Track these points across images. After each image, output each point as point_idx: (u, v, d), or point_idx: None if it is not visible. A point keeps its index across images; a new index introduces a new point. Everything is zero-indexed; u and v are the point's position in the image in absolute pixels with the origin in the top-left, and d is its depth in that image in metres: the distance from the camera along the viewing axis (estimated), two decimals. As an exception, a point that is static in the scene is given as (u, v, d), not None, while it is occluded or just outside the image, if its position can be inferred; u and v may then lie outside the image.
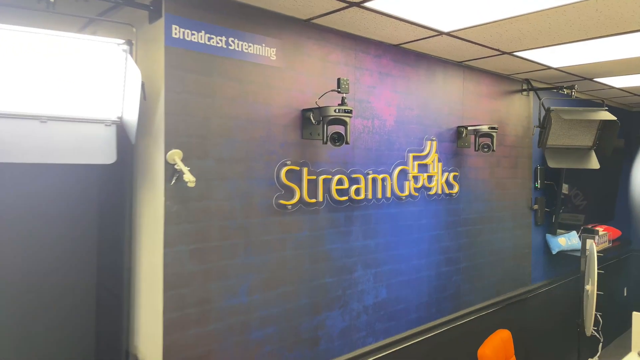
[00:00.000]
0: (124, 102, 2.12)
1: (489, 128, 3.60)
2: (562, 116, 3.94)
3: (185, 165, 2.11)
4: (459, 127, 3.73)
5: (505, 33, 2.93)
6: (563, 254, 4.89)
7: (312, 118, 2.62)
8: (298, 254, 2.64)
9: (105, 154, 2.00)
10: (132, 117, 2.02)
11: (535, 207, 4.67)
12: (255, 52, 2.43)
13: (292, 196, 2.58)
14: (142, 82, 1.99)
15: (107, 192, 2.35)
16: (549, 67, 3.97)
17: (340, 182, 2.82)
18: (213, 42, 2.27)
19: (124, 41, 1.99)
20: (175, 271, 2.14)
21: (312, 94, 2.69)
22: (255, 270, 2.44)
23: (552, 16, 2.59)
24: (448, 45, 3.22)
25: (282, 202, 2.54)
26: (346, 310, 2.90)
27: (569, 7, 2.44)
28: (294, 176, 2.60)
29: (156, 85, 2.15)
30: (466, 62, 3.75)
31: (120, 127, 2.16)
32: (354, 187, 2.88)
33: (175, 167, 2.11)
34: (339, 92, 2.53)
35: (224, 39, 2.31)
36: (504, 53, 3.46)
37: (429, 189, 3.45)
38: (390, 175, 3.15)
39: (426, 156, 3.41)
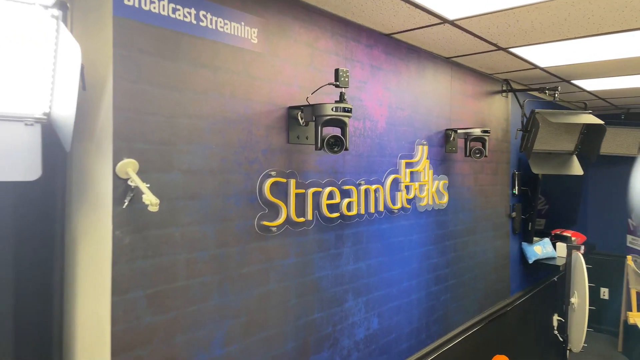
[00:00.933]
0: (54, 92, 1.51)
1: (481, 132, 3.26)
2: (550, 119, 3.69)
3: (144, 180, 1.53)
4: (447, 130, 3.36)
5: (515, 24, 2.57)
6: (537, 262, 4.70)
7: (300, 118, 2.12)
8: (283, 287, 2.12)
9: (25, 166, 1.38)
10: (66, 113, 1.42)
11: (513, 214, 4.43)
12: (232, 32, 1.88)
13: (277, 215, 2.06)
14: (81, 64, 1.39)
15: (29, 220, 1.64)
16: (535, 67, 3.71)
17: (331, 195, 2.33)
18: (179, 15, 1.70)
19: (54, 1, 1.38)
20: (128, 326, 1.56)
21: (299, 88, 2.18)
22: (233, 313, 1.90)
23: (576, 4, 2.25)
24: (444, 37, 2.83)
25: (265, 223, 2.01)
26: (336, 350, 2.41)
27: (603, -5, 2.11)
28: (280, 190, 2.08)
29: (101, 70, 1.55)
30: (454, 58, 3.38)
31: (49, 128, 1.54)
32: (345, 201, 2.40)
33: (129, 183, 1.53)
34: (337, 86, 2.04)
35: (193, 11, 1.74)
36: (499, 49, 3.13)
37: (421, 199, 3.04)
38: (383, 185, 2.71)
39: (418, 162, 3.00)
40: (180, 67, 1.71)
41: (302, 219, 2.17)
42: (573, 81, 4.35)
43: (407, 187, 2.88)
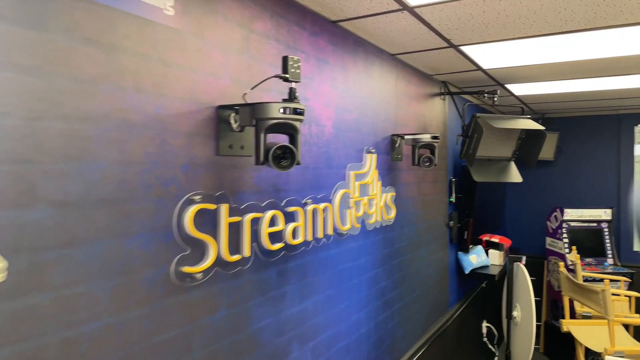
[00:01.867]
0: None
1: (431, 138, 2.92)
2: (492, 124, 3.47)
3: (-22, 227, 0.90)
4: (393, 135, 2.97)
5: (480, 15, 2.23)
6: (472, 271, 4.54)
7: (233, 121, 1.57)
8: (211, 353, 1.56)
9: None
10: None
11: (451, 224, 4.20)
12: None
13: (203, 256, 1.50)
14: None
15: None
16: (478, 69, 3.47)
17: (273, 221, 1.80)
18: (47, -41, 1.08)
19: None
20: None
21: (231, 81, 1.63)
22: (141, 404, 1.31)
23: (558, -4, 1.95)
24: (397, 29, 2.42)
25: (186, 269, 1.44)
26: (280, 417, 1.90)
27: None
28: (207, 221, 1.52)
29: None
30: (400, 56, 3.01)
31: None
32: (290, 227, 1.89)
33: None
34: (286, 79, 1.52)
35: (71, -43, 1.13)
36: (451, 46, 2.80)
37: (370, 216, 2.61)
38: (332, 202, 2.23)
39: (367, 174, 2.57)
40: (52, 41, 1.09)
41: (236, 257, 1.62)
42: (506, 85, 4.22)
43: (356, 203, 2.43)
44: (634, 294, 4.31)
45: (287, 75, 1.50)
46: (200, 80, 1.50)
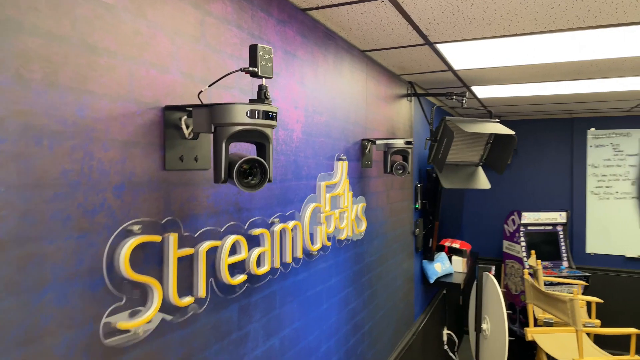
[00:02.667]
0: None
1: (404, 143, 2.67)
2: (464, 129, 3.28)
3: None
4: (363, 140, 2.70)
5: (467, 9, 2.00)
6: (436, 280, 4.37)
7: (185, 126, 1.23)
8: None
9: None
10: None
11: (417, 231, 4.00)
12: (47, -48, 0.92)
13: (144, 303, 1.14)
14: None
15: None
16: (449, 69, 3.28)
17: (235, 249, 1.47)
18: None
19: None
20: None
21: (182, 75, 1.28)
22: None
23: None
24: (373, 21, 2.14)
25: (121, 324, 1.08)
26: None
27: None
28: (150, 257, 1.16)
29: None
30: (370, 52, 2.74)
31: None
32: (255, 254, 1.56)
33: None
34: (254, 74, 1.19)
35: None
36: (427, 43, 2.56)
37: (341, 231, 2.32)
38: (302, 219, 1.92)
39: (338, 184, 2.28)
40: None
41: (188, 300, 1.27)
42: (472, 87, 4.08)
43: (327, 219, 2.14)
44: (595, 299, 4.30)
45: (256, 70, 1.17)
46: (140, 74, 1.14)
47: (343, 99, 2.40)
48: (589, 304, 4.63)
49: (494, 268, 3.69)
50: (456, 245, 5.13)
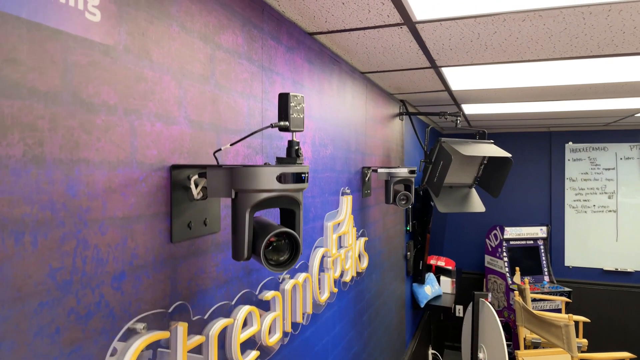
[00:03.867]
0: None
1: (408, 172, 2.50)
2: (461, 151, 3.15)
3: None
4: (363, 168, 2.52)
5: (489, 36, 1.84)
6: (426, 304, 4.24)
7: (194, 186, 1.01)
8: None
9: None
10: None
11: (408, 255, 3.86)
12: (29, -16, 0.68)
13: (150, 417, 0.91)
14: None
15: None
16: (445, 90, 3.14)
17: (247, 322, 1.25)
18: None
19: None
20: None
21: (190, 125, 1.06)
22: None
23: (596, 16, 1.60)
24: (384, 46, 1.97)
25: None
26: None
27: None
28: (156, 357, 0.93)
29: None
30: (369, 74, 2.56)
31: None
32: (267, 322, 1.34)
33: None
34: (285, 129, 0.98)
35: None
36: (432, 67, 2.41)
37: (346, 273, 2.13)
38: (311, 270, 1.72)
39: (344, 222, 2.08)
40: None
41: (200, 398, 1.04)
42: (462, 105, 3.97)
43: (334, 262, 1.94)
44: (582, 319, 4.26)
45: (287, 124, 0.96)
46: (144, 129, 0.91)
47: (344, 127, 2.21)
48: (576, 322, 4.61)
49: (490, 295, 3.57)
50: (442, 263, 5.03)
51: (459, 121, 3.51)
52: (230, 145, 1.00)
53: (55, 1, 0.71)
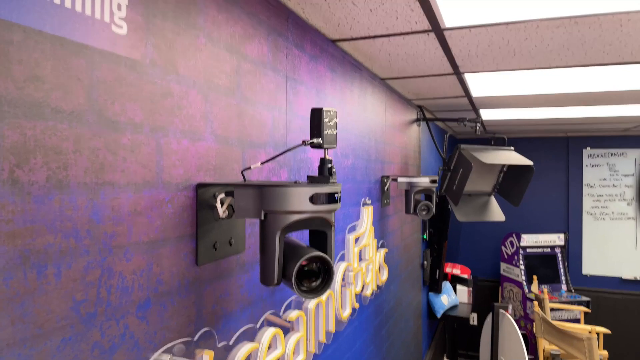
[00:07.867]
0: None
1: (430, 182, 2.43)
2: (481, 159, 3.07)
3: None
4: (383, 177, 2.46)
5: (520, 42, 1.78)
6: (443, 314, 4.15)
7: (219, 205, 0.96)
8: None
9: None
10: None
11: (425, 264, 3.78)
12: (70, 6, 0.63)
13: None
14: None
15: None
16: (465, 95, 3.07)
17: (273, 345, 1.19)
18: None
19: None
20: None
21: (216, 141, 1.00)
22: None
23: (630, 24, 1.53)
24: (408, 53, 1.90)
25: None
26: None
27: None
28: (181, 390, 0.88)
29: None
30: (389, 80, 2.50)
31: None
32: (292, 345, 1.28)
33: None
34: (318, 146, 0.92)
35: None
36: (455, 73, 2.34)
37: (367, 287, 2.06)
38: (333, 285, 1.66)
39: (365, 234, 2.02)
40: None
41: None
42: (480, 110, 3.89)
43: (356, 277, 1.87)
44: (603, 330, 4.15)
45: (321, 141, 0.91)
46: (170, 147, 0.86)
47: (364, 136, 2.15)
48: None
49: (510, 307, 3.48)
50: (457, 271, 4.95)
51: (478, 127, 3.43)
52: (261, 164, 0.94)
53: (81, 14, 0.66)
